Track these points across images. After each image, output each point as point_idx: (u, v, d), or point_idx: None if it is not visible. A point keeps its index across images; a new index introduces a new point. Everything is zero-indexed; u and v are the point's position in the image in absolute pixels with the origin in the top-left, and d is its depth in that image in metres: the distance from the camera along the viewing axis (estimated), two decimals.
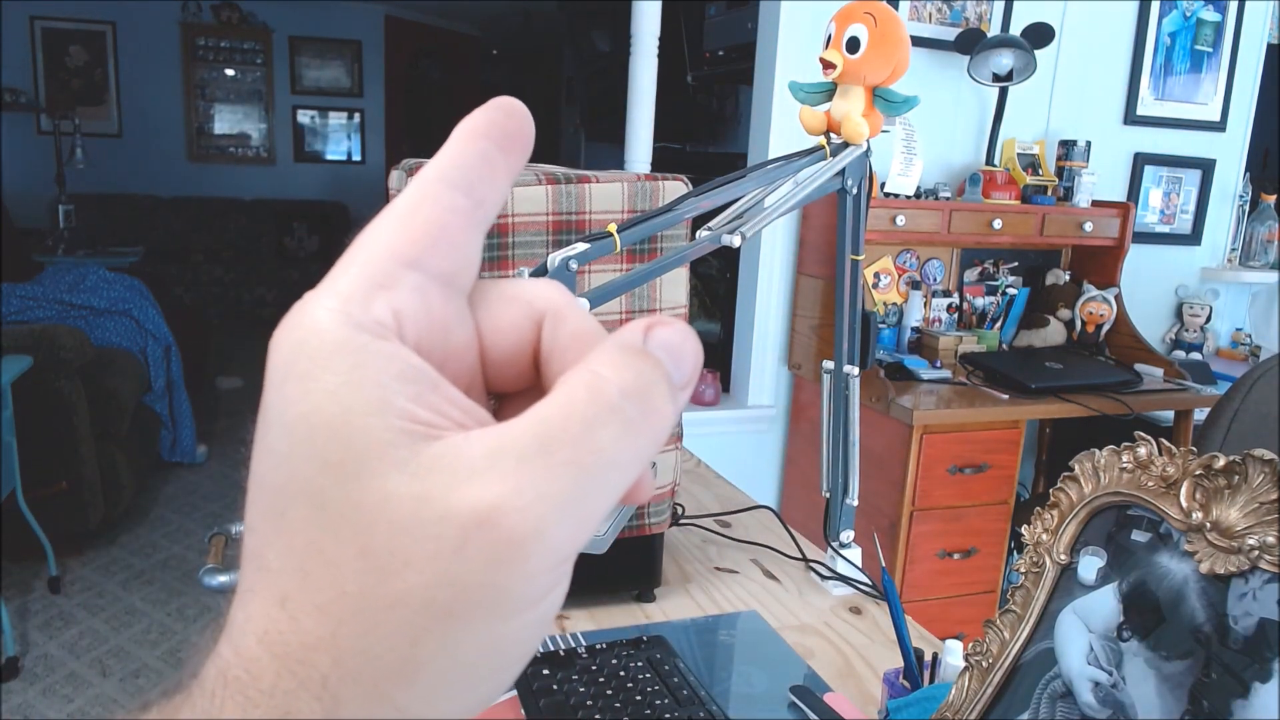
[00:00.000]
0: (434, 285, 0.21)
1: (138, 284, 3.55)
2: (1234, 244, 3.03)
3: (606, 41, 4.54)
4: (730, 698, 0.87)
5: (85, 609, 2.68)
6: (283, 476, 0.19)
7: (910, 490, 2.10)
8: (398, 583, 0.17)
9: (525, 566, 0.18)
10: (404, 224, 0.21)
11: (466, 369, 0.22)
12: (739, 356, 2.59)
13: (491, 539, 0.18)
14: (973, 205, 2.41)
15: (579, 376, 0.20)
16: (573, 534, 0.19)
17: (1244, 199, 3.00)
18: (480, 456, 0.18)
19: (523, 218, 0.89)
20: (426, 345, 0.20)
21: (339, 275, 0.20)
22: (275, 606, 0.18)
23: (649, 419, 0.20)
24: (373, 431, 0.18)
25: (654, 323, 0.21)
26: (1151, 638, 0.49)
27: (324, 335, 0.19)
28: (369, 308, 0.19)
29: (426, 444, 0.18)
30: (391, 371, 0.19)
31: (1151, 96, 2.76)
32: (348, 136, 6.92)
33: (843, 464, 1.08)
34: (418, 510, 0.18)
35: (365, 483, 0.18)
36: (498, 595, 0.18)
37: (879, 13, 0.91)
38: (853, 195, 0.97)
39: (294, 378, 0.19)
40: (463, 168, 0.22)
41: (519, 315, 0.22)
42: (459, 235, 0.21)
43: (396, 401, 0.18)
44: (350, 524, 0.18)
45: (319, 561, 0.18)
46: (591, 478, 0.19)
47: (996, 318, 2.64)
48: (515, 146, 0.23)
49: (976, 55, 2.41)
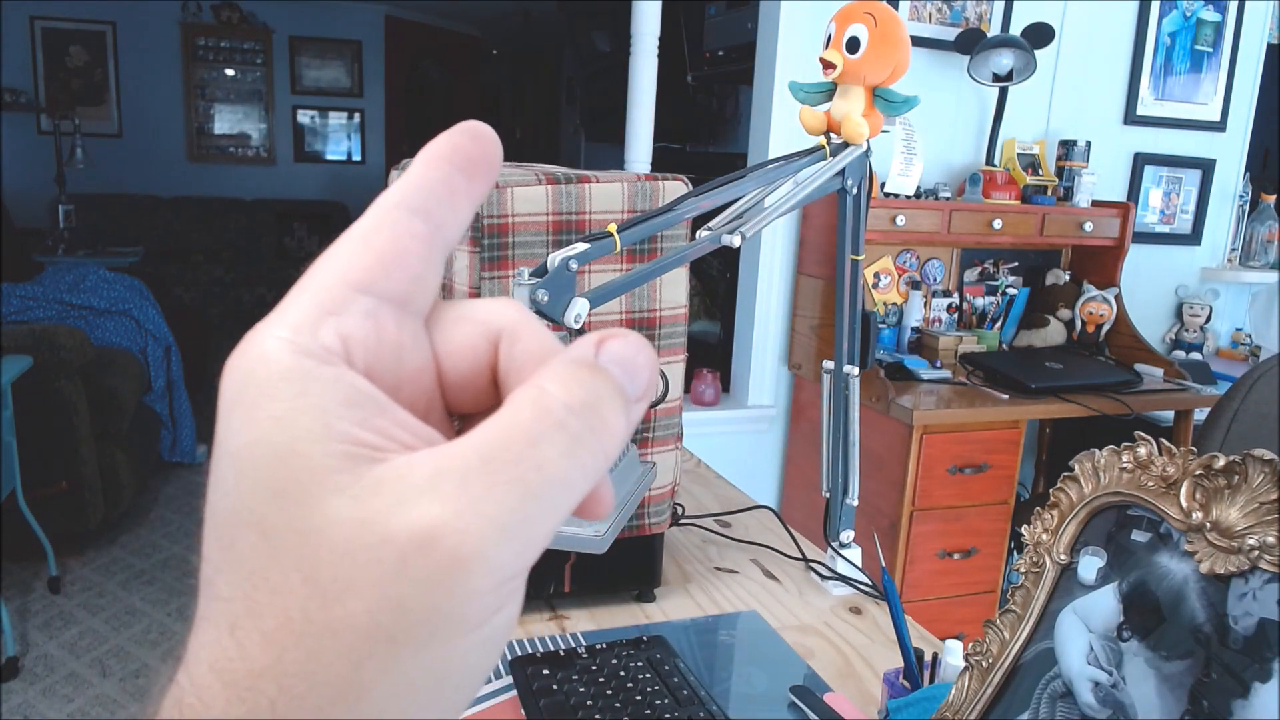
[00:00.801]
0: (387, 309, 0.21)
1: (138, 284, 3.55)
2: (1234, 244, 3.03)
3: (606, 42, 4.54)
4: (730, 698, 0.87)
5: (85, 609, 2.68)
6: (230, 505, 0.19)
7: (910, 490, 2.10)
8: (340, 608, 0.17)
9: (468, 587, 0.18)
10: (358, 249, 0.21)
11: (424, 391, 0.22)
12: (739, 356, 2.59)
13: (432, 561, 0.18)
14: (973, 205, 2.41)
15: (525, 394, 0.20)
16: (517, 553, 0.19)
17: (1244, 199, 3.00)
18: (422, 478, 0.18)
19: (523, 218, 0.89)
20: (378, 369, 0.20)
21: (289, 303, 0.20)
22: (225, 634, 0.18)
23: (597, 433, 0.20)
24: (315, 457, 0.18)
25: (606, 336, 0.21)
26: (1151, 638, 0.49)
27: (270, 364, 0.19)
28: (316, 334, 0.19)
29: (370, 467, 0.18)
30: (336, 397, 0.19)
31: (1151, 96, 2.76)
32: (348, 136, 6.92)
33: (843, 464, 1.08)
34: (359, 534, 0.18)
35: (308, 509, 0.18)
36: (441, 617, 0.18)
37: (879, 13, 0.91)
38: (853, 195, 0.97)
39: (240, 406, 0.19)
40: (423, 192, 0.22)
41: (475, 335, 0.22)
42: (415, 260, 0.21)
43: (340, 426, 0.19)
44: (294, 551, 0.18)
45: (265, 589, 0.18)
46: (536, 496, 0.19)
47: (996, 318, 2.64)
48: (479, 171, 0.23)
49: (976, 55, 2.41)
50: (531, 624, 0.99)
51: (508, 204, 0.89)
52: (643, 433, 1.01)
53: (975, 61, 2.42)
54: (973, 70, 2.44)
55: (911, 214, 2.30)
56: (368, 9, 6.53)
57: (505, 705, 0.83)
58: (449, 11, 6.69)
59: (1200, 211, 2.93)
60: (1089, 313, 2.59)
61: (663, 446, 1.02)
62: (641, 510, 1.02)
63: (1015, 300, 2.65)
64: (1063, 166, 2.57)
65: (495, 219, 0.88)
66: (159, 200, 6.14)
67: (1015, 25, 2.50)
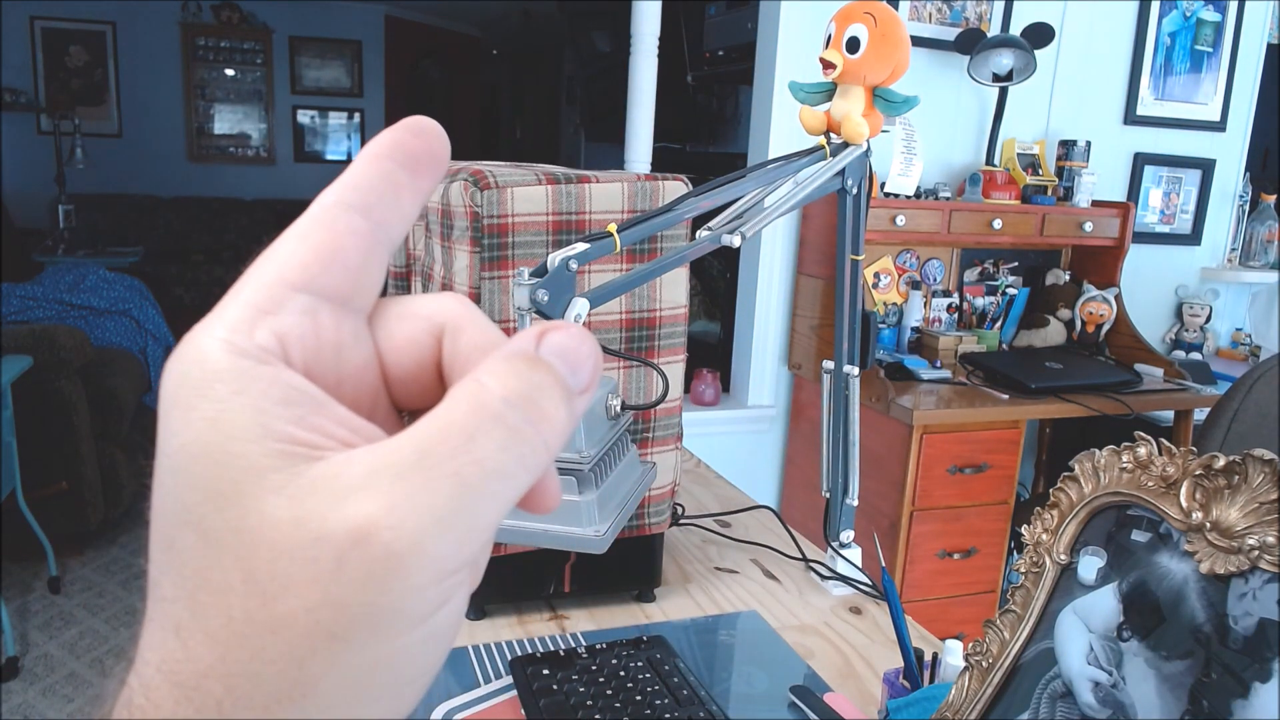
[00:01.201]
0: (326, 307, 0.21)
1: (138, 284, 3.55)
2: (1234, 244, 3.03)
3: (607, 42, 4.54)
4: (730, 698, 0.87)
5: (85, 609, 2.68)
6: (170, 506, 0.19)
7: (910, 490, 2.10)
8: (280, 606, 0.18)
9: (406, 582, 0.18)
10: (296, 248, 0.21)
11: (367, 388, 0.22)
12: (739, 356, 2.59)
13: (368, 557, 0.18)
14: (973, 205, 2.41)
15: (464, 388, 0.20)
16: (456, 547, 0.19)
17: (1244, 199, 3.00)
18: (358, 475, 0.18)
19: (523, 218, 0.89)
20: (317, 367, 0.20)
21: (227, 303, 0.20)
22: (171, 635, 0.18)
23: (537, 426, 0.20)
24: (251, 457, 0.18)
25: (548, 328, 0.21)
26: (1151, 638, 0.49)
27: (206, 364, 0.19)
28: (252, 334, 0.19)
29: (307, 466, 0.18)
30: (272, 396, 0.19)
31: (1151, 96, 2.76)
32: (348, 136, 6.92)
33: (843, 464, 1.08)
34: (296, 533, 0.18)
35: (245, 508, 0.18)
36: (380, 613, 0.18)
37: (879, 13, 0.91)
38: (853, 195, 0.97)
39: (177, 408, 0.19)
40: (362, 189, 0.22)
41: (418, 331, 0.22)
42: (354, 257, 0.21)
43: (276, 425, 0.19)
44: (232, 550, 0.18)
45: (206, 589, 0.18)
46: (473, 489, 0.19)
47: (996, 318, 2.64)
48: (423, 166, 0.22)
49: (976, 55, 2.41)
50: (531, 624, 0.99)
51: (508, 204, 0.89)
52: (643, 433, 1.01)
53: (975, 61, 2.42)
54: (973, 70, 2.44)
55: (911, 214, 2.30)
56: (368, 9, 6.53)
57: (505, 705, 0.83)
58: (449, 11, 6.69)
59: (1200, 211, 2.93)
60: (1089, 313, 2.59)
61: (663, 446, 1.02)
62: (641, 510, 1.02)
63: (1015, 300, 2.65)
64: (1063, 166, 2.57)
65: (495, 219, 0.88)
66: (159, 200, 6.15)
67: (1015, 25, 2.50)
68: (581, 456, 0.68)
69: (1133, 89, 2.74)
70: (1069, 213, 2.49)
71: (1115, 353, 2.59)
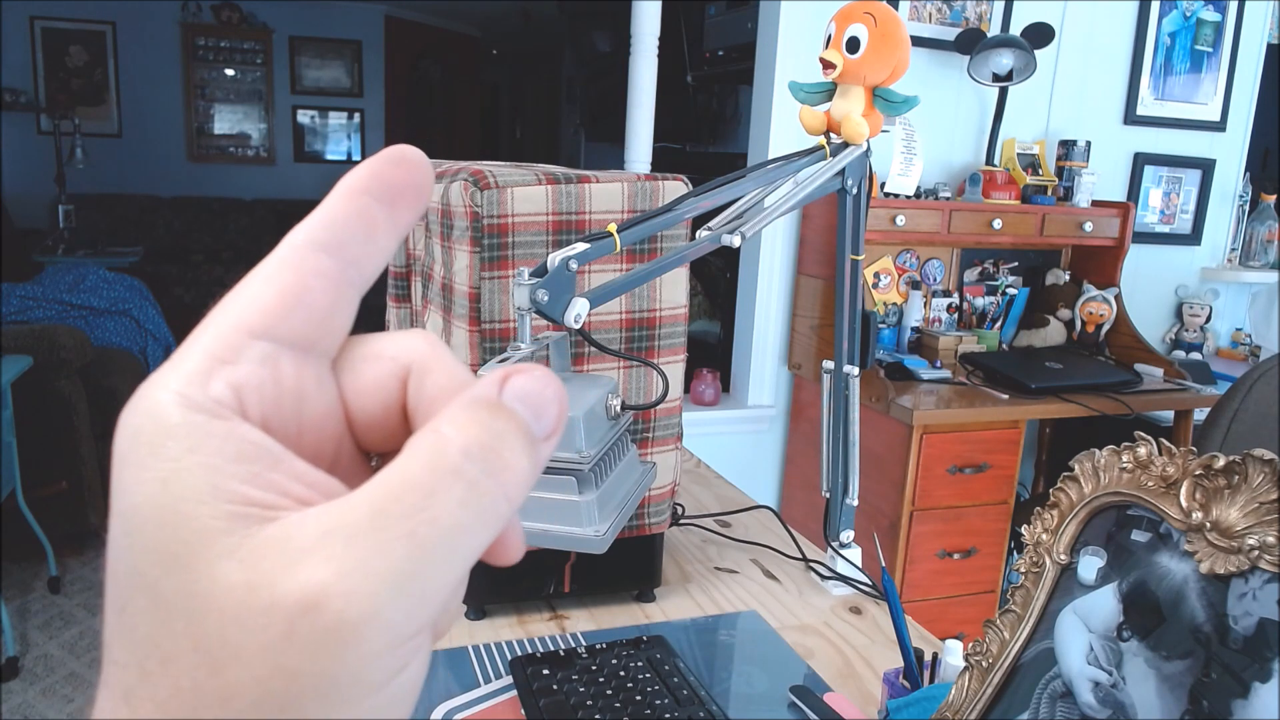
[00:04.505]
0: (286, 354, 0.20)
1: (138, 284, 3.55)
2: (1234, 244, 3.03)
3: (607, 42, 4.54)
4: (730, 698, 0.87)
5: (85, 609, 2.68)
6: (123, 568, 0.18)
7: (910, 490, 2.10)
8: (229, 675, 0.17)
9: (360, 650, 0.17)
10: (259, 291, 0.20)
11: (330, 436, 0.21)
12: (739, 356, 2.59)
13: (318, 625, 0.17)
14: (973, 205, 2.41)
15: (422, 439, 0.19)
16: (412, 611, 0.18)
17: (1244, 199, 3.00)
18: (310, 538, 0.17)
19: (523, 218, 0.89)
20: (276, 419, 0.20)
21: (184, 351, 0.19)
22: (120, 701, 0.18)
23: (498, 477, 0.19)
24: (202, 519, 0.18)
25: (511, 372, 0.20)
26: (1151, 638, 0.49)
27: (158, 420, 0.18)
28: (207, 386, 0.19)
29: (260, 527, 0.18)
30: (226, 453, 0.18)
31: (1151, 96, 2.76)
32: (348, 136, 6.92)
33: (843, 464, 1.08)
34: (247, 599, 0.17)
35: (196, 573, 0.17)
36: (332, 683, 0.17)
37: (879, 13, 0.91)
38: (853, 195, 0.97)
39: (129, 466, 0.18)
40: (333, 227, 0.21)
41: (383, 373, 0.22)
42: (320, 300, 0.20)
43: (228, 485, 0.18)
44: (183, 617, 0.17)
45: (156, 656, 0.17)
46: (430, 550, 0.18)
47: (996, 318, 2.64)
48: (403, 199, 0.22)
49: (976, 55, 2.41)
50: (531, 624, 0.99)
51: (508, 204, 0.89)
52: (643, 433, 1.01)
53: (975, 61, 2.42)
54: (973, 70, 2.44)
55: (911, 214, 2.30)
56: (368, 9, 6.53)
57: (505, 705, 0.83)
58: (449, 11, 6.69)
59: (1200, 211, 2.93)
60: (1089, 313, 2.59)
61: (663, 446, 1.02)
62: (641, 510, 1.02)
63: (1015, 300, 2.65)
64: (1063, 166, 2.57)
65: (495, 219, 0.88)
66: (159, 200, 6.15)
67: (1015, 25, 2.50)
68: (581, 456, 0.68)
69: (1133, 89, 2.74)
70: (1069, 213, 2.49)
71: (1115, 353, 2.59)
